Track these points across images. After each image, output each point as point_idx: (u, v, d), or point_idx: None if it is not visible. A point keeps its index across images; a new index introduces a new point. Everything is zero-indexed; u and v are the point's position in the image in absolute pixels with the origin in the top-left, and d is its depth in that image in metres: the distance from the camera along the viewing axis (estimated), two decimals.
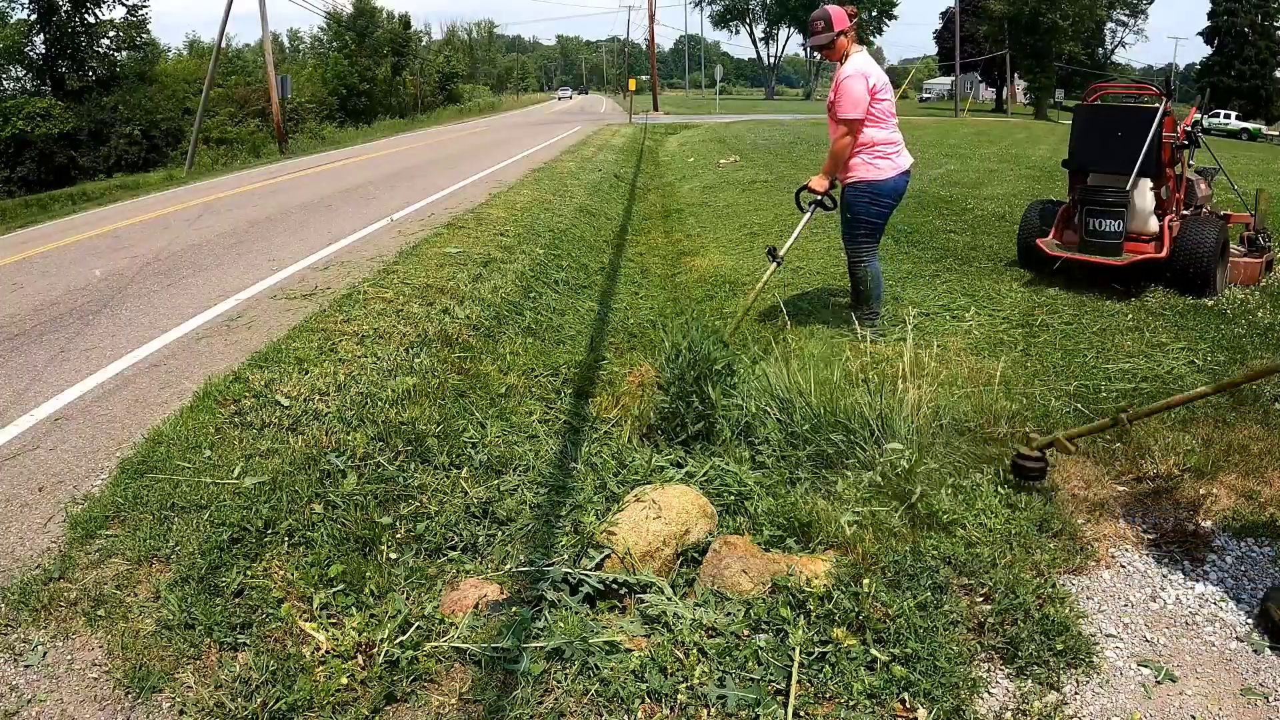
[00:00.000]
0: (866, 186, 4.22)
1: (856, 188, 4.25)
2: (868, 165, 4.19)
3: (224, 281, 6.10)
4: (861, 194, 4.24)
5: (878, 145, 4.17)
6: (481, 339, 4.60)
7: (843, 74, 4.10)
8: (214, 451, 3.12)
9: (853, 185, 4.27)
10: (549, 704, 1.98)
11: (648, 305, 5.93)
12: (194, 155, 22.96)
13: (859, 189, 4.24)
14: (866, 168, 4.19)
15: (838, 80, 4.13)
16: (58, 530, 2.75)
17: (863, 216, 4.30)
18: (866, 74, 4.06)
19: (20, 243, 9.12)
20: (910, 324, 3.79)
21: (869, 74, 4.07)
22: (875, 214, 4.30)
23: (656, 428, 3.36)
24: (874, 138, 4.15)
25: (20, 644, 2.25)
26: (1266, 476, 2.74)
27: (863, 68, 4.07)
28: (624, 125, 26.30)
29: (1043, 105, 47.04)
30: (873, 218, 4.31)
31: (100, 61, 31.44)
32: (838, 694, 1.94)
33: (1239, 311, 4.43)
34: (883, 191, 4.22)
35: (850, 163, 4.23)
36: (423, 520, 2.79)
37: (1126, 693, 1.95)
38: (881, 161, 4.18)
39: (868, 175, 4.20)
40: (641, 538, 2.46)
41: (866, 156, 4.18)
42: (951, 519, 2.56)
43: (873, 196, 4.23)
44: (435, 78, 55.94)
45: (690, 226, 8.65)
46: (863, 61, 4.11)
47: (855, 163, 4.21)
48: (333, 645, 2.22)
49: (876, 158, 4.18)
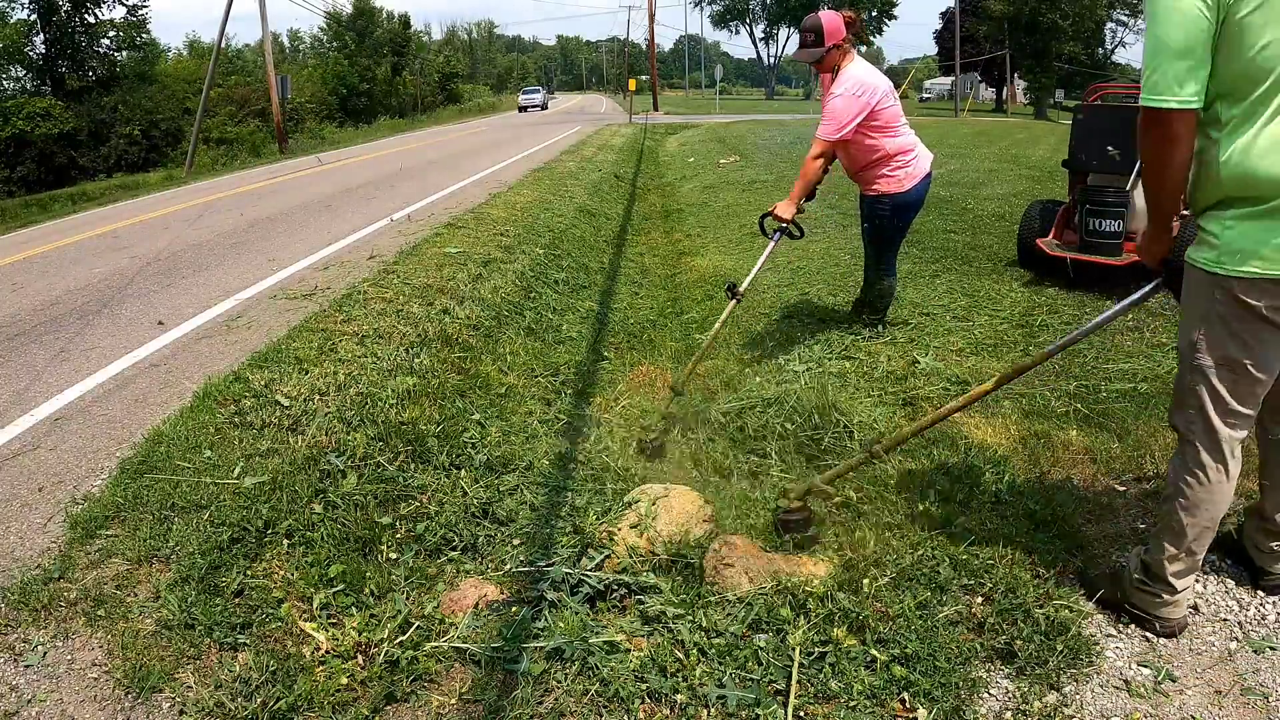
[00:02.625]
0: (890, 200, 4.03)
1: (881, 201, 4.06)
2: (888, 178, 3.99)
3: (224, 281, 6.10)
4: (885, 206, 4.06)
5: (895, 155, 3.95)
6: (481, 339, 4.60)
7: (834, 91, 3.80)
8: (214, 451, 3.12)
9: (875, 199, 4.08)
10: (549, 704, 1.98)
11: (648, 305, 5.94)
12: (194, 155, 22.95)
13: (883, 202, 4.05)
14: (888, 181, 4.00)
15: (826, 98, 3.88)
16: (58, 530, 2.76)
17: (886, 229, 4.15)
18: (858, 91, 3.74)
19: (20, 243, 9.13)
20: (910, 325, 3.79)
21: (861, 90, 3.75)
22: (899, 227, 4.16)
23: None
24: (890, 150, 3.93)
25: (20, 644, 2.25)
26: None
27: (855, 85, 3.75)
28: (624, 125, 26.29)
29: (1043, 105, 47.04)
30: (896, 230, 4.17)
31: (100, 61, 31.47)
32: (838, 694, 1.94)
33: None
34: (906, 203, 4.05)
35: (870, 175, 4.03)
36: (423, 520, 2.79)
37: (1126, 693, 1.95)
38: (901, 172, 3.98)
39: (890, 189, 4.00)
40: (641, 538, 2.46)
41: (887, 170, 3.98)
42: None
43: (895, 209, 4.06)
44: (435, 78, 55.96)
45: (690, 226, 8.65)
46: (858, 74, 3.79)
47: (876, 176, 4.02)
48: (333, 645, 2.22)
49: (897, 169, 3.97)
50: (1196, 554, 2.03)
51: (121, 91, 30.65)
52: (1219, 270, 1.80)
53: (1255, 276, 1.75)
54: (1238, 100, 1.70)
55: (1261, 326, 1.80)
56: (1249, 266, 1.75)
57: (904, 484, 2.83)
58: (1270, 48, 1.63)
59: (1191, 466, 1.97)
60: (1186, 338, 1.93)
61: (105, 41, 31.61)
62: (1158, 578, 2.06)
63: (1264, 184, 1.70)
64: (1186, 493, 1.98)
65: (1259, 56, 1.65)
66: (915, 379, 3.75)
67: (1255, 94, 1.67)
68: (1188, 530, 1.99)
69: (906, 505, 2.69)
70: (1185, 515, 1.99)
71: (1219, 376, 1.89)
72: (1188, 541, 2.00)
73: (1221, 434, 1.93)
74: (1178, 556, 2.02)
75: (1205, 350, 1.89)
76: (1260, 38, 1.63)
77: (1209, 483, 1.96)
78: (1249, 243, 1.75)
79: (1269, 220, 1.72)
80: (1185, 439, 1.99)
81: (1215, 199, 1.80)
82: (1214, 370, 1.89)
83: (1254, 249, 1.74)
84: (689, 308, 5.63)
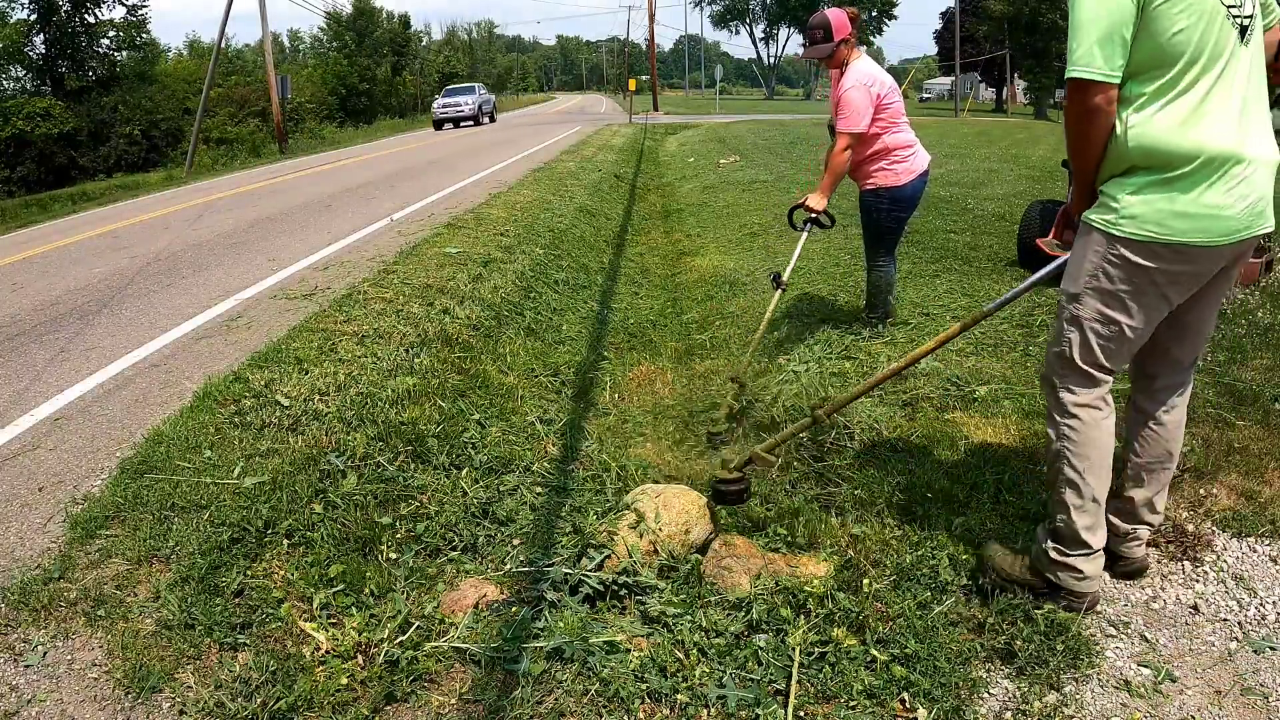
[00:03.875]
0: (886, 193, 4.11)
1: (877, 194, 4.14)
2: (886, 172, 4.08)
3: (224, 281, 6.10)
4: (881, 200, 4.13)
5: (894, 150, 4.05)
6: (481, 339, 4.60)
7: (844, 85, 3.93)
8: (214, 451, 3.12)
9: (872, 193, 4.15)
10: (549, 704, 1.98)
11: (648, 305, 5.94)
12: (194, 155, 22.96)
13: (879, 195, 4.13)
14: (885, 174, 4.08)
15: (838, 93, 3.96)
16: (58, 530, 2.75)
17: (883, 223, 4.21)
18: (869, 83, 3.90)
19: (20, 243, 9.13)
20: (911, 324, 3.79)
21: (871, 82, 3.91)
22: (895, 220, 4.21)
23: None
24: (888, 144, 4.03)
25: (20, 644, 2.25)
26: (1266, 476, 2.74)
27: (864, 76, 3.91)
28: (624, 125, 26.29)
29: (1043, 105, 47.03)
30: (892, 224, 4.22)
31: (100, 61, 31.45)
32: (837, 694, 1.94)
33: (1239, 311, 4.43)
34: (902, 197, 4.12)
35: (868, 170, 4.12)
36: (423, 520, 2.79)
37: (1126, 693, 1.95)
38: (899, 166, 4.07)
39: (887, 182, 4.09)
40: (641, 538, 2.46)
41: (884, 163, 4.07)
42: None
43: (892, 203, 4.13)
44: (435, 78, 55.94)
45: (690, 226, 8.65)
46: (865, 69, 3.95)
47: (873, 170, 4.10)
48: (333, 645, 2.22)
49: (894, 163, 4.07)
50: (1099, 502, 2.09)
51: (121, 91, 30.64)
52: (1115, 231, 1.92)
53: (1149, 239, 1.88)
54: (1149, 80, 1.85)
55: (1148, 290, 1.93)
56: (1146, 230, 1.88)
57: (904, 484, 2.83)
58: (1181, 34, 1.80)
59: (1070, 410, 2.06)
60: (1069, 289, 2.05)
61: (105, 41, 31.60)
62: (1072, 539, 2.10)
63: (1167, 155, 1.84)
64: (1072, 437, 2.06)
65: (1170, 42, 1.80)
66: (915, 379, 3.75)
67: (1166, 76, 1.83)
68: (1085, 476, 2.06)
69: (906, 505, 2.69)
70: (1079, 462, 2.06)
71: (1093, 330, 2.01)
72: (1090, 488, 2.07)
73: (1094, 377, 2.05)
74: (1083, 508, 2.08)
75: (1086, 303, 2.01)
76: (1174, 25, 1.79)
77: (1089, 420, 2.05)
78: (1149, 209, 1.87)
79: (1170, 190, 1.85)
80: (1059, 388, 2.09)
81: (1122, 168, 1.92)
82: (1090, 322, 2.01)
83: (1154, 215, 1.87)
84: (689, 308, 5.63)
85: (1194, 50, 1.81)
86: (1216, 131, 1.83)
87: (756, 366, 4.15)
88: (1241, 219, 1.86)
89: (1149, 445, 2.20)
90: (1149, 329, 2.01)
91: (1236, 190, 1.84)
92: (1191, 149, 1.82)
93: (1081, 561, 2.11)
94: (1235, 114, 1.85)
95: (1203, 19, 1.80)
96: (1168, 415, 2.19)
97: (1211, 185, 1.84)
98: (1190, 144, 1.82)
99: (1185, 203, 1.84)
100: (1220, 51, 1.83)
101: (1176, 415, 2.20)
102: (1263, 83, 1.94)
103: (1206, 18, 1.81)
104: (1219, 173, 1.83)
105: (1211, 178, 1.83)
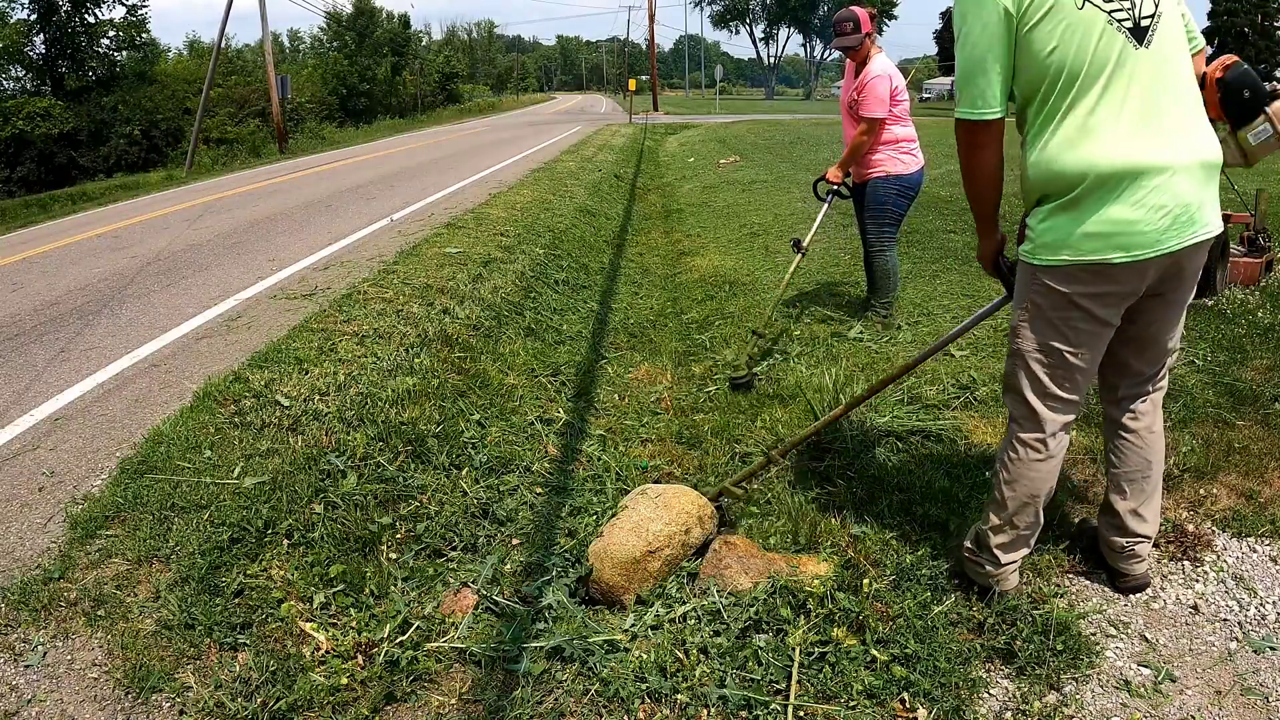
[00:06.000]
0: (895, 179, 4.45)
1: (886, 180, 4.46)
2: (894, 159, 4.43)
3: (224, 281, 6.10)
4: (890, 186, 4.46)
5: (901, 141, 4.42)
6: (481, 339, 4.60)
7: (869, 74, 4.31)
8: (214, 451, 3.12)
9: (881, 179, 4.47)
10: (549, 704, 1.98)
11: (648, 305, 5.94)
12: (194, 155, 22.94)
13: (888, 182, 4.46)
14: (894, 162, 4.43)
15: (864, 80, 4.34)
16: (58, 530, 2.75)
17: (889, 208, 4.51)
18: (890, 75, 4.31)
19: (20, 243, 9.13)
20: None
21: (892, 75, 4.32)
22: (901, 206, 4.52)
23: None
24: (898, 134, 4.41)
25: (20, 644, 2.25)
26: (1266, 476, 2.74)
27: (886, 70, 4.32)
28: (624, 125, 26.29)
29: None
30: (898, 209, 4.53)
31: (100, 61, 31.45)
32: (837, 694, 1.94)
33: (1239, 311, 4.43)
34: (909, 184, 4.46)
35: (875, 159, 4.45)
36: (423, 520, 2.79)
37: (1126, 693, 1.95)
38: (906, 156, 4.44)
39: (895, 169, 4.44)
40: (641, 538, 2.46)
41: (893, 152, 4.43)
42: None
43: (900, 189, 4.47)
44: (435, 78, 55.96)
45: (690, 226, 8.65)
46: (885, 63, 4.36)
47: (881, 158, 4.44)
48: (333, 645, 2.22)
49: (902, 153, 4.43)
50: (1019, 528, 2.13)
51: (121, 91, 30.63)
52: (1034, 261, 1.92)
53: (1066, 264, 1.86)
54: (1040, 106, 1.85)
55: (1075, 314, 1.91)
56: (1061, 256, 1.86)
57: (904, 484, 2.83)
58: (1055, 53, 1.78)
59: (1013, 442, 2.09)
60: (1011, 323, 2.06)
61: (105, 41, 31.60)
62: (984, 547, 2.18)
63: (1064, 178, 1.82)
64: (1009, 466, 2.10)
65: (1045, 62, 1.79)
66: (916, 379, 3.74)
67: (1051, 98, 1.81)
68: (1008, 503, 2.11)
69: (906, 505, 2.69)
70: (1006, 489, 2.10)
71: (1036, 362, 2.00)
72: (1009, 514, 2.11)
73: (1042, 415, 2.03)
74: (1001, 528, 2.13)
75: (1025, 336, 2.01)
76: (1047, 44, 1.78)
77: (1025, 460, 2.07)
78: (1059, 234, 1.85)
79: (1073, 211, 1.82)
80: (1011, 417, 2.12)
81: (1034, 199, 1.93)
82: (1032, 355, 2.00)
83: (1063, 239, 1.85)
84: (689, 308, 5.63)
85: (1071, 67, 1.76)
86: (1107, 146, 1.76)
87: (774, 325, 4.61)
88: (1160, 230, 1.78)
89: (1125, 454, 2.18)
90: (1094, 352, 1.97)
91: (1147, 201, 1.76)
92: (1081, 168, 1.78)
93: (986, 564, 2.18)
94: (1134, 123, 1.76)
95: (1076, 33, 1.75)
96: (1135, 423, 2.16)
97: (1116, 200, 1.77)
98: (1079, 163, 1.78)
99: (1092, 223, 1.79)
100: (1103, 62, 1.76)
101: (1145, 423, 2.16)
102: (1181, 81, 1.83)
103: (1081, 31, 1.75)
104: (1121, 187, 1.76)
105: (1114, 193, 1.77)
